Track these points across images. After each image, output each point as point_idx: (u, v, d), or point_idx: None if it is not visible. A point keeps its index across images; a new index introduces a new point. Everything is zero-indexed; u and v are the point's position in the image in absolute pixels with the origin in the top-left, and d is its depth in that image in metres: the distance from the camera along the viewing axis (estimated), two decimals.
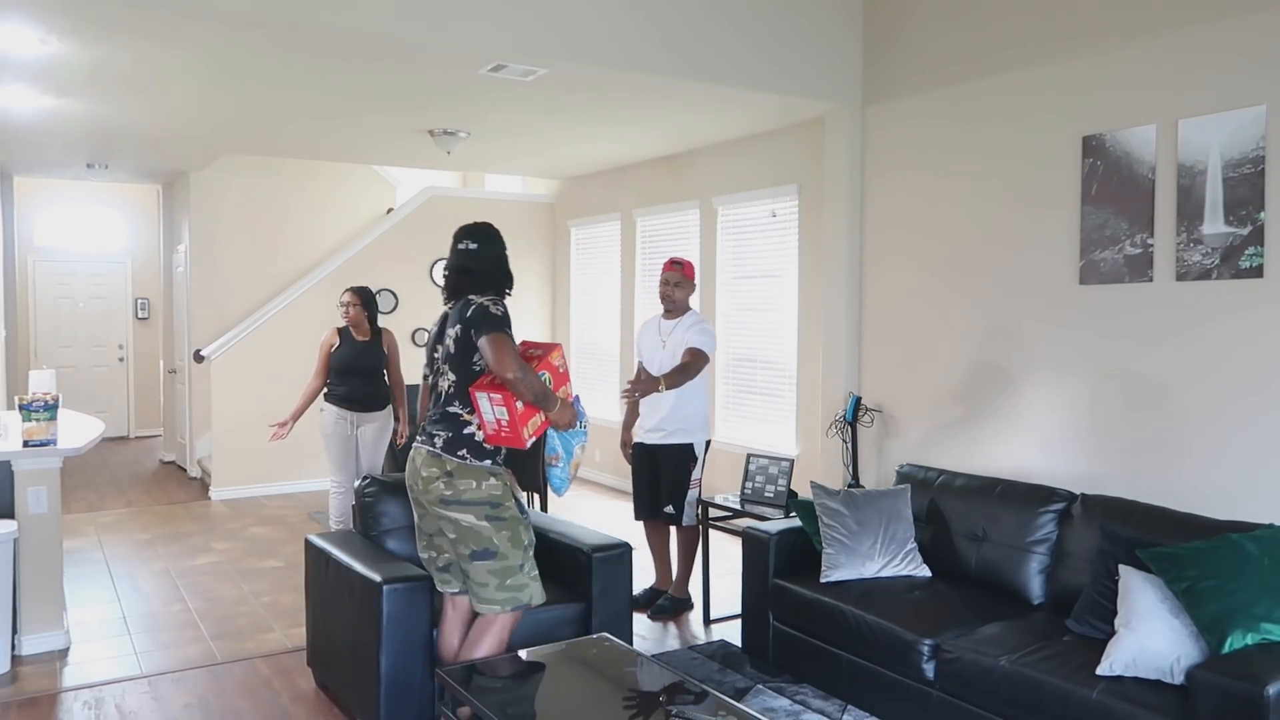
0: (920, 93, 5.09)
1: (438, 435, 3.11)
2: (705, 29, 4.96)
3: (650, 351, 4.95)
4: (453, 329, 3.12)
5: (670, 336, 4.83)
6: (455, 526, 3.08)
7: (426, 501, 3.12)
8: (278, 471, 7.99)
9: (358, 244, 8.59)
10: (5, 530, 4.06)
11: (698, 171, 7.30)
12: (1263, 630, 2.79)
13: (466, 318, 3.06)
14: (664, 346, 4.84)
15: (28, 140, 6.94)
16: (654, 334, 4.95)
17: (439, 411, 3.15)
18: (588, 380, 8.88)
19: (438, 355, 3.22)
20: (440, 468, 3.07)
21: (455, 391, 3.10)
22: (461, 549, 3.09)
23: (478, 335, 3.02)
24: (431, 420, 3.17)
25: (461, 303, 3.13)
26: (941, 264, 4.98)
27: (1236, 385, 3.75)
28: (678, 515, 4.83)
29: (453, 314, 3.16)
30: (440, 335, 3.23)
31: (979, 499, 4.01)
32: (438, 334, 3.25)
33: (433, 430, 3.14)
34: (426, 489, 3.10)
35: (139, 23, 4.15)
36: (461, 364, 3.09)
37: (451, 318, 3.16)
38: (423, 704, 3.34)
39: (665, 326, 4.89)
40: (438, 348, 3.23)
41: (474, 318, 3.04)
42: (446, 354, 3.16)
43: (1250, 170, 3.67)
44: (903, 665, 3.45)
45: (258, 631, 4.66)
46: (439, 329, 3.25)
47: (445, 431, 3.10)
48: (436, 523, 3.14)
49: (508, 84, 5.11)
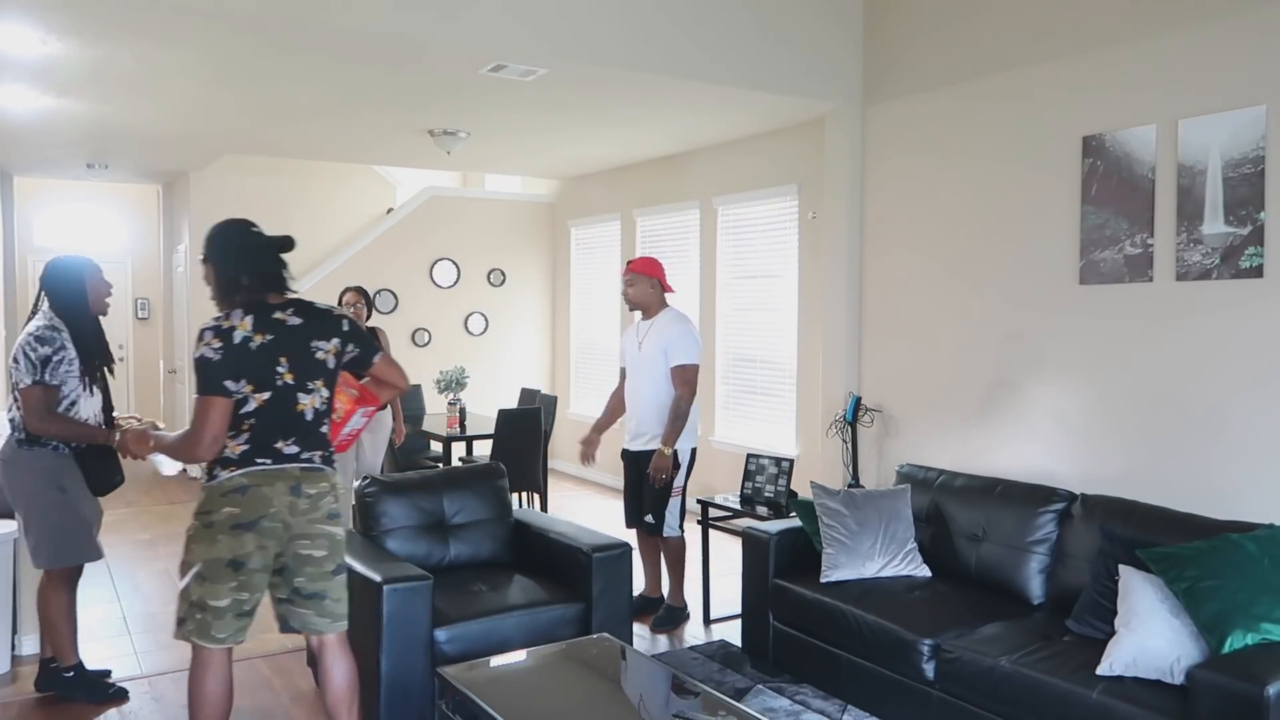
0: (920, 92, 5.08)
1: (314, 452, 2.86)
2: (705, 29, 4.96)
3: (627, 354, 4.83)
4: (326, 343, 2.88)
5: (646, 338, 4.67)
6: (331, 541, 2.86)
7: (309, 521, 2.82)
8: None
9: (358, 244, 8.59)
10: (5, 530, 4.06)
11: (698, 171, 7.30)
12: (1263, 630, 2.79)
13: (345, 332, 2.93)
14: (640, 348, 4.69)
15: (28, 140, 6.94)
16: (632, 336, 4.80)
17: (310, 429, 2.86)
18: (588, 380, 8.89)
19: (296, 372, 2.82)
20: (329, 481, 2.88)
21: (328, 408, 2.91)
22: (327, 566, 2.86)
23: (373, 354, 3.01)
24: (299, 439, 2.84)
25: (323, 314, 2.92)
26: (941, 264, 4.98)
27: (1236, 385, 3.75)
28: (657, 525, 4.65)
29: (313, 326, 2.87)
30: (292, 348, 2.82)
31: (979, 499, 4.01)
32: (287, 346, 2.81)
33: (302, 447, 2.84)
34: (316, 506, 2.83)
35: (139, 23, 4.15)
36: (334, 380, 2.93)
37: (313, 330, 2.87)
38: (423, 704, 3.34)
39: (641, 327, 4.75)
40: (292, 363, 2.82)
41: (358, 333, 2.98)
42: (318, 369, 2.87)
43: (1250, 170, 3.67)
44: (903, 665, 3.45)
45: (258, 631, 4.62)
46: (288, 342, 2.82)
47: (324, 448, 2.91)
48: (304, 547, 2.82)
49: (508, 84, 5.11)
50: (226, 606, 2.74)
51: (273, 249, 2.89)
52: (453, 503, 4.07)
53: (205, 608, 2.73)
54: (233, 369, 2.72)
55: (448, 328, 8.96)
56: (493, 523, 4.12)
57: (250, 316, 2.76)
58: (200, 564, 2.74)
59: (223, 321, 2.76)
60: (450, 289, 8.96)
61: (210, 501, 2.76)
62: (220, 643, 2.77)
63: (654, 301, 4.71)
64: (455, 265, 8.96)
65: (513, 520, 4.19)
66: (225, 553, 2.72)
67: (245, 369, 2.74)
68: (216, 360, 2.71)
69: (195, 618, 2.75)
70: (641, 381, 4.70)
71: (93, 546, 3.73)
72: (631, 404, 4.76)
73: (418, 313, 8.80)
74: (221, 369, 2.71)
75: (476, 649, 3.40)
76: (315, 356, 2.85)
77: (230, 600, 2.73)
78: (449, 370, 6.98)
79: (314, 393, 2.85)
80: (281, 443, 2.79)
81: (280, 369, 2.78)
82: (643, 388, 4.69)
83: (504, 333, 9.23)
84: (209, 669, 2.82)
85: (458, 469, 4.40)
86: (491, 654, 3.30)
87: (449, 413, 6.75)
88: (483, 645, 3.42)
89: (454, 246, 8.97)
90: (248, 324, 2.75)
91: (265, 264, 2.87)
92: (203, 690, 2.83)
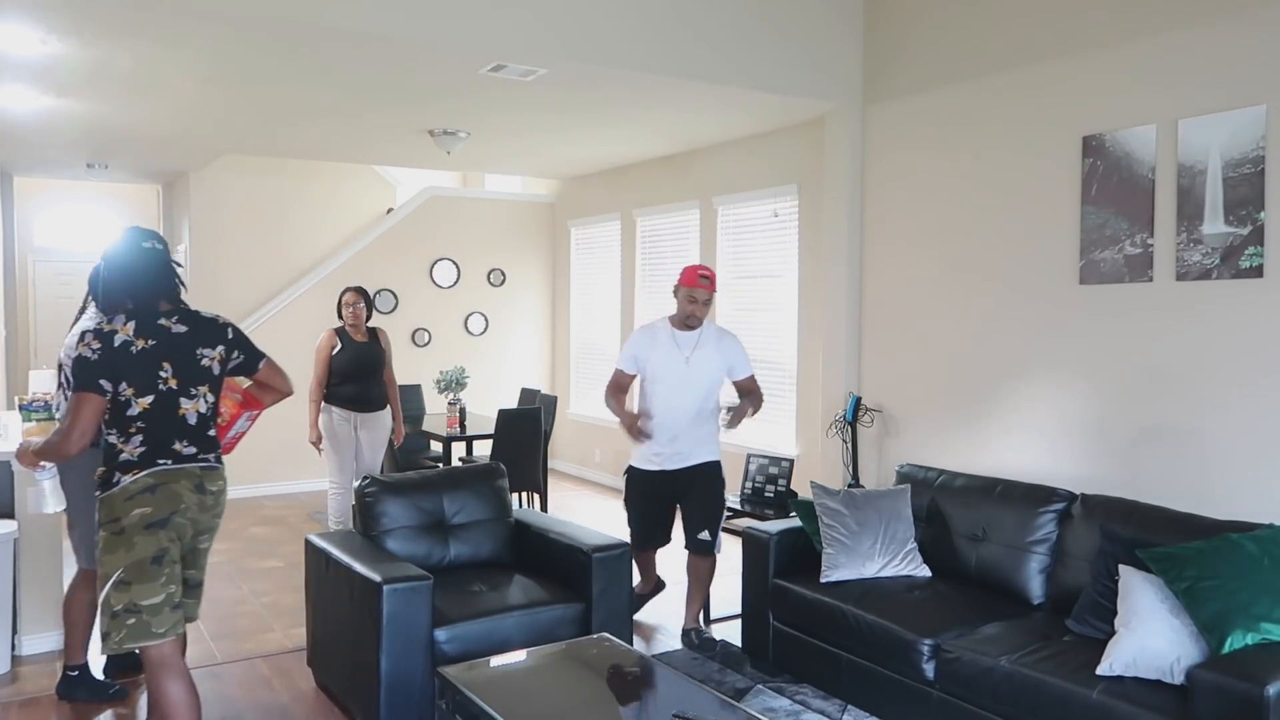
0: (920, 92, 5.09)
1: (209, 453, 3.03)
2: (705, 29, 4.96)
3: (663, 369, 4.36)
4: (211, 350, 3.02)
5: (695, 353, 4.32)
6: (211, 536, 3.08)
7: (211, 517, 3.03)
8: (277, 471, 7.99)
9: (358, 244, 8.59)
10: (5, 530, 4.06)
11: (698, 171, 7.30)
12: (1263, 630, 2.79)
13: (231, 339, 3.09)
14: (687, 363, 4.33)
15: (28, 140, 6.94)
16: (669, 349, 4.35)
17: (196, 432, 2.98)
18: (588, 380, 8.89)
19: (180, 377, 2.95)
20: (224, 479, 3.08)
21: (212, 412, 3.07)
22: (209, 558, 3.13)
23: (258, 360, 3.17)
24: (191, 440, 2.97)
25: (209, 323, 3.04)
26: (942, 264, 4.98)
27: (1236, 385, 3.75)
28: (713, 541, 4.40)
29: (198, 334, 2.99)
30: (176, 354, 2.94)
31: (979, 499, 4.01)
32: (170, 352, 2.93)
33: (198, 448, 2.99)
34: (218, 502, 3.05)
35: (139, 23, 4.15)
36: (219, 385, 3.08)
37: (198, 338, 2.99)
38: (423, 704, 3.34)
39: (684, 340, 4.35)
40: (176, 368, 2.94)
41: (243, 341, 3.14)
42: (203, 374, 3.00)
43: (1250, 170, 3.67)
44: (903, 665, 3.45)
45: (258, 631, 4.66)
46: (172, 348, 2.94)
47: (216, 450, 3.08)
48: (202, 541, 3.04)
49: (508, 84, 5.11)
50: (162, 602, 2.85)
51: (167, 264, 3.04)
52: (453, 503, 4.07)
53: (140, 609, 2.82)
54: (109, 370, 2.84)
55: (448, 328, 8.96)
56: (493, 523, 4.12)
57: (132, 323, 2.89)
58: (120, 570, 2.82)
59: (104, 325, 2.89)
60: (450, 289, 8.96)
61: (116, 508, 2.85)
62: (162, 637, 2.86)
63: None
64: (455, 265, 8.96)
65: (513, 520, 4.19)
66: (145, 552, 2.83)
67: (124, 371, 2.86)
68: (93, 360, 2.83)
69: (128, 624, 2.82)
70: (690, 399, 4.35)
71: None
72: (673, 421, 4.33)
73: (418, 313, 8.80)
74: (97, 368, 2.83)
75: (476, 649, 3.39)
76: (200, 363, 3.00)
77: (164, 595, 2.85)
78: (449, 370, 6.98)
79: (197, 397, 2.99)
80: (178, 444, 2.93)
81: (163, 374, 2.92)
82: (691, 404, 4.35)
83: (504, 333, 9.23)
84: (166, 669, 2.89)
85: (458, 469, 4.40)
86: (491, 654, 3.30)
87: (449, 413, 6.75)
88: (483, 645, 3.42)
89: (454, 246, 8.97)
90: (129, 329, 2.88)
91: (157, 277, 2.99)
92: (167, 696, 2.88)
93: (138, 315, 2.91)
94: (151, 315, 2.93)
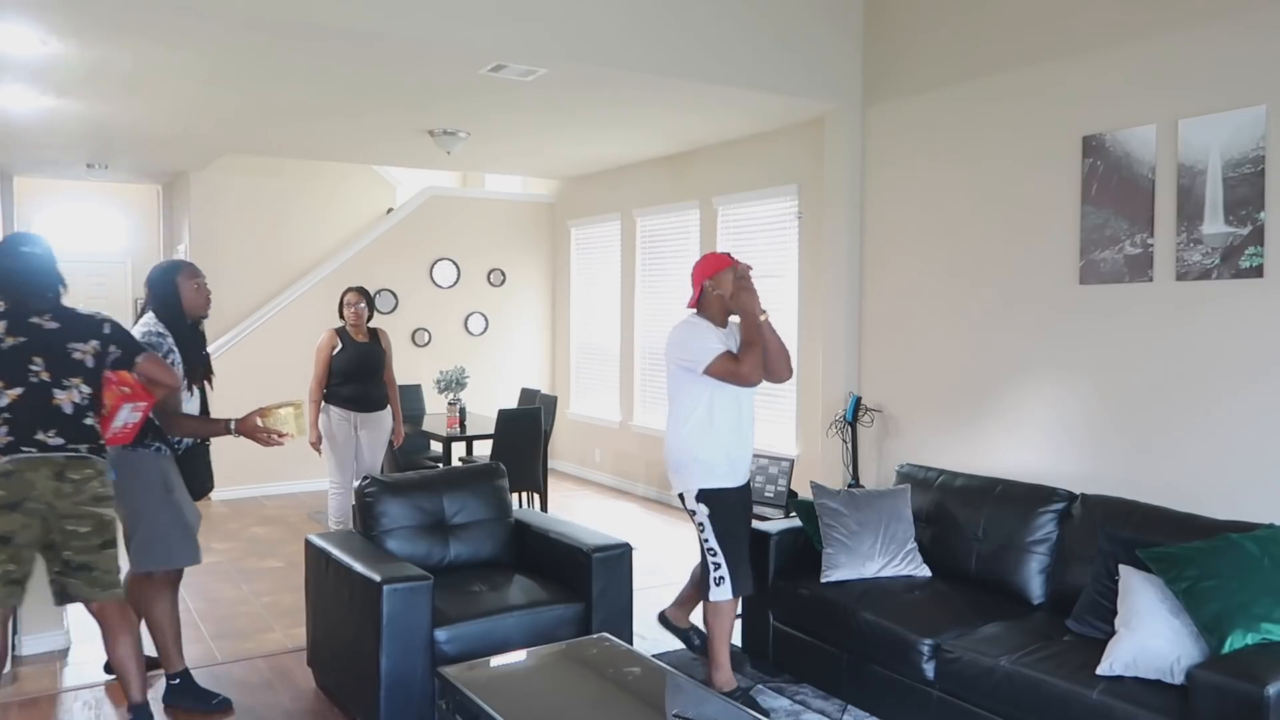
0: (920, 92, 5.09)
1: (81, 444, 3.16)
2: (705, 29, 4.96)
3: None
4: (84, 344, 3.20)
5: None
6: (98, 521, 3.18)
7: (74, 504, 3.14)
8: (277, 472, 7.99)
9: (358, 244, 8.59)
10: None
11: (697, 171, 7.30)
12: (1263, 630, 2.79)
13: (107, 335, 3.24)
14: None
15: (28, 140, 6.95)
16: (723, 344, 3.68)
17: (72, 421, 3.15)
18: (588, 380, 8.89)
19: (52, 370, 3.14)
20: (95, 468, 3.18)
21: (89, 403, 3.21)
22: (94, 540, 3.20)
23: (135, 354, 3.30)
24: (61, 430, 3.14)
25: (84, 319, 3.24)
26: (941, 264, 4.98)
27: (1236, 385, 3.75)
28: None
29: (70, 330, 3.19)
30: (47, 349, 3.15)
31: (979, 499, 4.01)
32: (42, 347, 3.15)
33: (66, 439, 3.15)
34: (80, 490, 3.14)
35: (139, 23, 4.15)
36: (96, 377, 3.23)
37: (70, 333, 3.19)
38: (423, 704, 3.34)
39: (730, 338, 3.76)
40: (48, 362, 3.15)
41: (121, 336, 3.29)
42: (75, 367, 3.18)
43: (1250, 170, 3.67)
44: (903, 665, 3.45)
45: (258, 632, 4.66)
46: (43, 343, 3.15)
47: (92, 440, 3.20)
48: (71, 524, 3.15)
49: (508, 84, 5.11)
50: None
51: (44, 268, 3.24)
52: (453, 503, 4.07)
53: None
54: None
55: (448, 328, 8.96)
56: (493, 523, 4.12)
57: (4, 321, 3.13)
58: None
59: None
60: (450, 289, 8.96)
61: None
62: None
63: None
64: (455, 265, 8.96)
65: (513, 520, 4.19)
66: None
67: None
68: None
69: None
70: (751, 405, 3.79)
71: (195, 549, 3.75)
72: (747, 429, 3.76)
73: (418, 313, 8.80)
74: None
75: (476, 649, 3.39)
76: (72, 356, 3.19)
77: (1, 571, 3.08)
78: (449, 370, 6.98)
79: (71, 388, 3.17)
80: (43, 434, 3.11)
81: (35, 367, 3.13)
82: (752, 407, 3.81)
83: (504, 333, 9.23)
84: None
85: (458, 469, 4.40)
86: (491, 654, 3.30)
87: (449, 413, 6.75)
88: (483, 645, 3.42)
89: (454, 246, 8.97)
90: (1, 327, 3.12)
91: (31, 279, 3.22)
92: None
93: (10, 315, 3.15)
94: (24, 314, 3.16)
